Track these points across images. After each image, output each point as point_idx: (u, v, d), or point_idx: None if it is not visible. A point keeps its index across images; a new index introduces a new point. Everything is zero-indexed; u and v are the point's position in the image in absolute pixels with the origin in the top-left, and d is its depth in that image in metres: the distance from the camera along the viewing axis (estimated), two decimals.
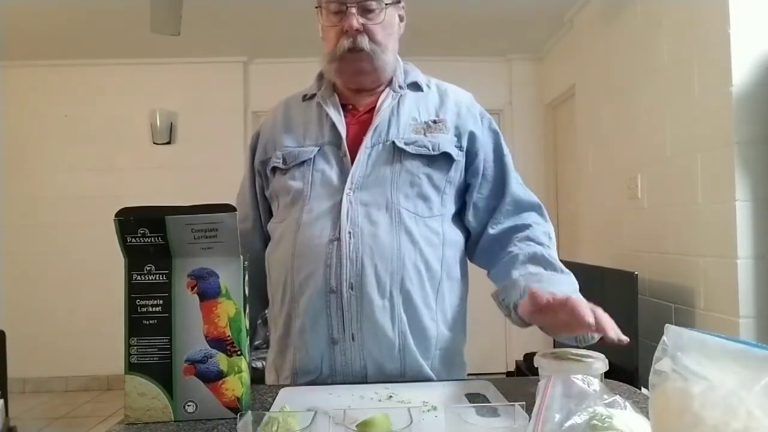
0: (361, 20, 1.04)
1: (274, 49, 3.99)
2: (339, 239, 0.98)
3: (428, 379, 1.00)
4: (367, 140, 1.05)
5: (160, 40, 3.17)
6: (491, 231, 1.10)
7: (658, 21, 2.48)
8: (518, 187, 1.13)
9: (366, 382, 0.97)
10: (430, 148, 1.05)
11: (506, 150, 1.14)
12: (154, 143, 4.16)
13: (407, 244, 1.00)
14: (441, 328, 1.03)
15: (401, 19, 1.14)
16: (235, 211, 0.80)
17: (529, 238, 1.07)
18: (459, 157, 1.08)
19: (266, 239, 1.15)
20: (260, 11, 3.36)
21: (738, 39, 1.96)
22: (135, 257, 0.81)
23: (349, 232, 0.99)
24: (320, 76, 1.17)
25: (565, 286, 0.97)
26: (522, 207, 1.11)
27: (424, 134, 1.07)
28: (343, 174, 1.04)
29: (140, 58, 4.08)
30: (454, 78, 1.19)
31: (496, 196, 1.12)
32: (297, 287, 1.01)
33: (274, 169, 1.10)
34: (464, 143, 1.09)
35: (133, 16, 3.21)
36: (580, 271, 1.10)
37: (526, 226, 1.09)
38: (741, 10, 1.96)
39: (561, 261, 1.06)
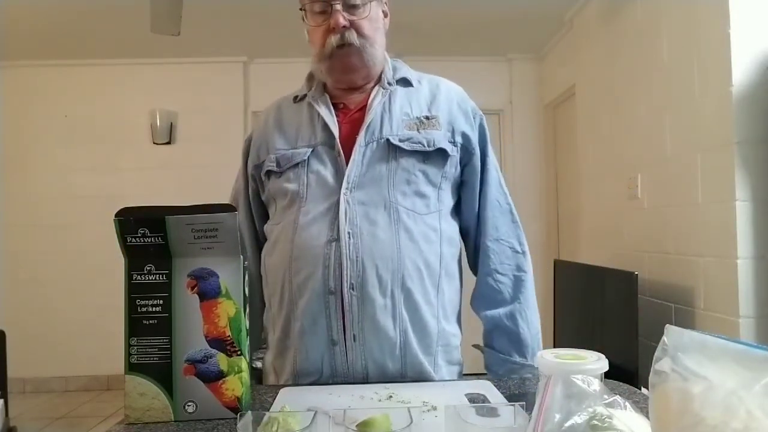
0: (347, 16, 1.04)
1: (274, 49, 3.98)
2: (338, 240, 0.98)
3: (428, 377, 1.00)
4: (361, 138, 1.04)
5: (160, 40, 3.17)
6: (478, 243, 1.14)
7: (657, 21, 2.48)
8: (497, 192, 1.14)
9: (367, 382, 0.97)
10: (425, 144, 1.05)
11: (491, 151, 1.15)
12: (154, 143, 4.16)
13: (407, 242, 1.00)
14: (442, 324, 1.04)
15: (385, 14, 1.13)
16: (235, 211, 0.81)
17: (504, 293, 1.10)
18: (453, 152, 1.08)
19: (258, 243, 1.16)
20: (260, 11, 3.36)
21: (738, 39, 1.96)
22: (135, 257, 0.81)
23: (349, 233, 0.98)
24: (310, 77, 1.16)
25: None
26: (496, 219, 1.13)
27: (418, 130, 1.06)
28: (339, 174, 1.03)
29: (140, 58, 4.08)
30: (454, 78, 1.18)
31: (476, 197, 1.13)
32: (295, 289, 1.00)
33: (269, 173, 1.10)
34: (458, 139, 1.09)
35: (133, 16, 3.21)
36: (580, 271, 1.10)
37: (500, 267, 1.11)
38: (741, 10, 1.96)
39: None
